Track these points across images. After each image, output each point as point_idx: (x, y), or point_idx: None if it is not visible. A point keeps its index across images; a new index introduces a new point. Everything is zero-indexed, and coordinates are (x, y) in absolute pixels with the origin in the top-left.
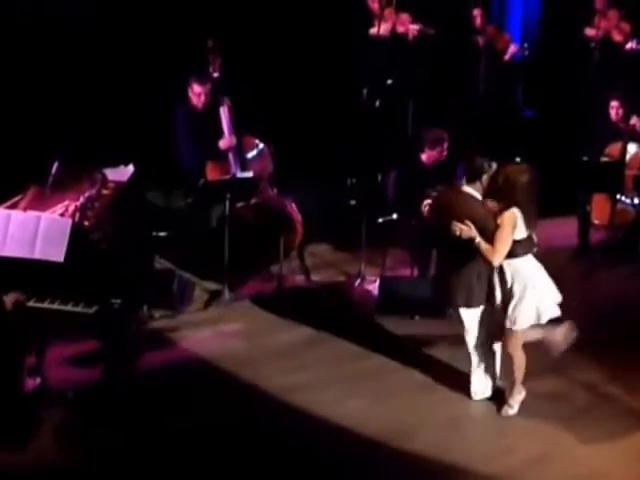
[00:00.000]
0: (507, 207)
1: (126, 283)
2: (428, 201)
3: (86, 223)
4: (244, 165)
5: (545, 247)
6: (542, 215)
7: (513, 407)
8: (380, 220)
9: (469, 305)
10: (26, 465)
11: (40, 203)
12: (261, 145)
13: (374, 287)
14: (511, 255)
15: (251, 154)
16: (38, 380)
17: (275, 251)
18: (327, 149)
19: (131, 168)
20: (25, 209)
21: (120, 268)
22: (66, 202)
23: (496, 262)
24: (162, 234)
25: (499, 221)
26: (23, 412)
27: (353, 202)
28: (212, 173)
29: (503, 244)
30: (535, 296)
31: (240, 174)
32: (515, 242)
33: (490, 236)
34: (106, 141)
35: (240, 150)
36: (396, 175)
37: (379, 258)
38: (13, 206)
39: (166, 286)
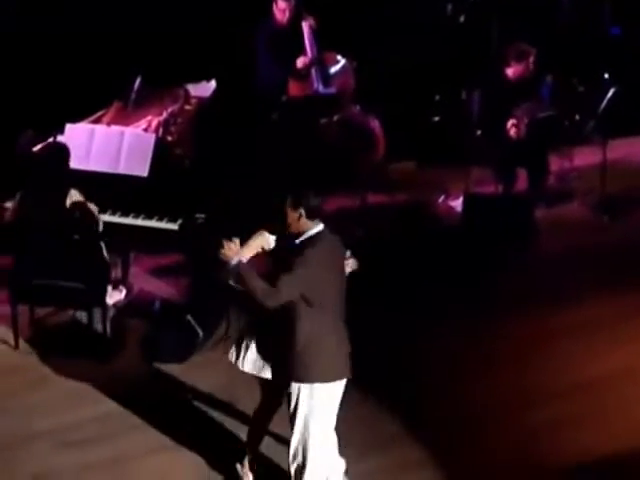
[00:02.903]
0: None
1: (209, 198)
2: (513, 120)
3: (169, 138)
4: (326, 81)
5: (629, 165)
6: (626, 133)
7: None
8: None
9: None
10: (112, 376)
11: (123, 118)
12: (343, 60)
13: (458, 204)
14: None
15: (333, 69)
16: (124, 292)
17: (358, 168)
18: (410, 65)
19: (213, 84)
20: (109, 124)
21: (203, 183)
22: (149, 117)
23: None
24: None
25: None
26: (110, 324)
27: (437, 119)
28: (294, 89)
29: None
30: None
31: (323, 90)
32: None
33: None
34: (188, 56)
35: (322, 66)
36: (480, 91)
37: (463, 175)
38: (96, 121)
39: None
